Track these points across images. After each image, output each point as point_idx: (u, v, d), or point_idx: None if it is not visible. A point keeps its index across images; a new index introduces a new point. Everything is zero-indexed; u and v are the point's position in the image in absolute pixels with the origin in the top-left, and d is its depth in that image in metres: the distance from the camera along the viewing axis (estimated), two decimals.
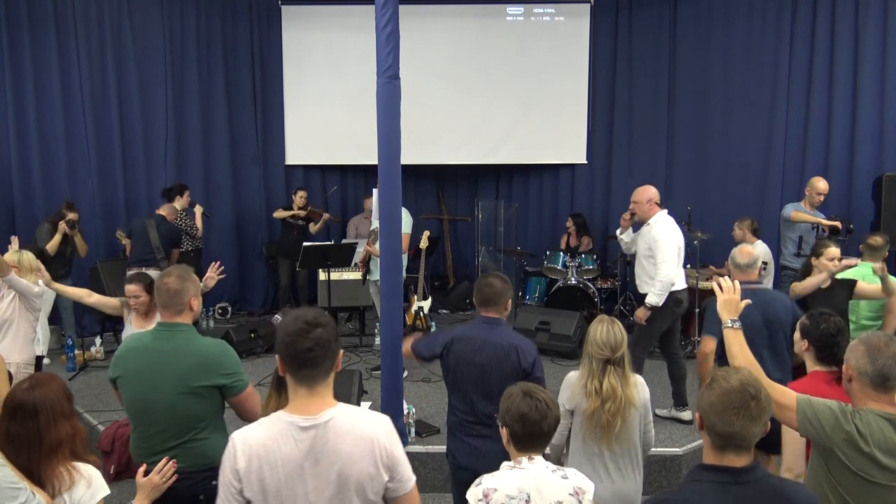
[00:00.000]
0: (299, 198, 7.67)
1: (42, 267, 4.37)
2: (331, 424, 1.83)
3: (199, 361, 2.62)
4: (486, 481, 2.20)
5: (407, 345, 3.43)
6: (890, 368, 2.15)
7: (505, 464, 2.26)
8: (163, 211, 6.48)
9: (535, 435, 2.21)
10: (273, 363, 2.08)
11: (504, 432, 2.26)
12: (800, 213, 5.90)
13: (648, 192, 4.82)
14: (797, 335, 2.92)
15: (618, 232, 5.25)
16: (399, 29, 3.98)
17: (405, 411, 4.39)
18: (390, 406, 4.27)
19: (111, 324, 6.77)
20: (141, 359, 2.66)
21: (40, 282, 4.36)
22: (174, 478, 2.45)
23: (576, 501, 2.16)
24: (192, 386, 2.59)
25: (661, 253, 4.58)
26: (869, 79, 6.85)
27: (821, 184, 5.97)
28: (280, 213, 7.67)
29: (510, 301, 3.13)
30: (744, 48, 7.43)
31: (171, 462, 2.44)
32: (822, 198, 5.96)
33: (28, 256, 4.38)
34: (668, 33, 7.80)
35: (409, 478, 1.92)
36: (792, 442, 2.68)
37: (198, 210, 7.11)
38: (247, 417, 2.76)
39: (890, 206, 6.19)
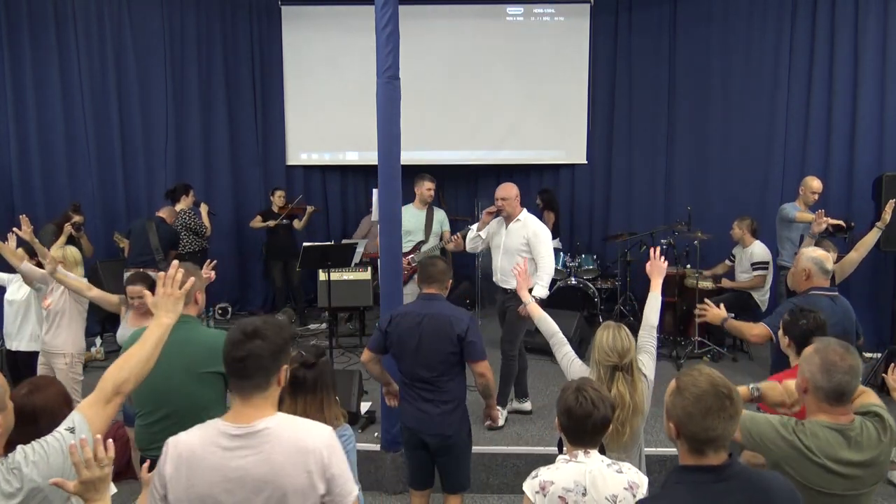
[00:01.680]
0: (278, 197, 7.64)
1: (49, 253, 4.43)
2: (265, 433, 1.80)
3: (204, 349, 2.75)
4: (543, 474, 2.24)
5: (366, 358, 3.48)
6: (846, 385, 2.09)
7: (561, 457, 2.30)
8: (163, 213, 6.53)
9: (580, 430, 2.25)
10: None
11: (556, 422, 2.32)
12: (804, 213, 5.89)
13: (515, 189, 4.88)
14: (781, 331, 2.99)
15: (475, 228, 5.08)
16: (399, 29, 3.98)
17: None
18: (390, 407, 4.27)
19: (111, 325, 6.77)
20: None
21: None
22: None
23: (630, 495, 2.18)
24: (198, 372, 2.72)
25: (543, 247, 4.70)
26: (869, 78, 6.85)
27: (815, 183, 5.97)
28: (256, 223, 7.62)
29: (451, 281, 3.45)
30: (744, 48, 7.43)
31: None
32: (816, 196, 5.95)
33: (72, 251, 4.64)
34: (668, 33, 7.80)
35: (348, 492, 1.86)
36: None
37: (203, 209, 7.10)
38: None
39: None
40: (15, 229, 4.56)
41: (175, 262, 2.18)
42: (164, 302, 2.12)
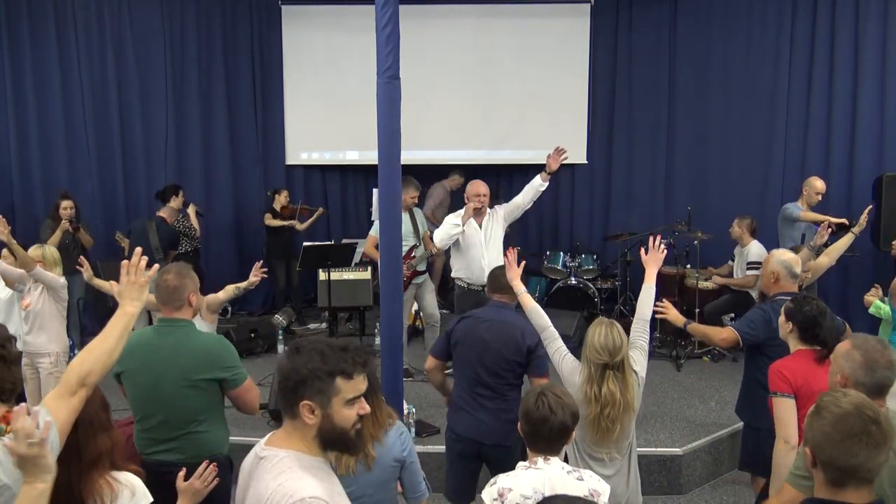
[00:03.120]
0: (283, 197, 7.64)
1: (86, 262, 4.54)
2: (261, 465, 1.74)
3: (200, 355, 2.70)
4: (502, 481, 2.21)
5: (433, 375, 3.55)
6: (887, 379, 2.12)
7: (521, 464, 2.27)
8: (163, 213, 6.54)
9: (537, 435, 2.22)
10: (274, 362, 2.06)
11: (519, 427, 2.30)
12: (807, 213, 5.90)
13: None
14: (782, 318, 2.99)
15: (458, 222, 5.02)
16: (399, 29, 3.98)
17: (405, 411, 4.39)
18: (390, 406, 4.26)
19: None
20: (144, 353, 2.73)
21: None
22: (216, 482, 2.38)
23: None
24: (193, 379, 2.67)
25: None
26: (869, 78, 6.85)
27: (818, 183, 5.97)
28: (272, 221, 7.58)
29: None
30: (744, 48, 7.43)
31: (211, 466, 2.39)
32: (819, 197, 5.96)
33: (51, 250, 4.61)
34: (668, 33, 7.79)
35: None
36: (782, 465, 2.67)
37: (191, 210, 7.08)
38: (246, 410, 2.87)
39: (890, 206, 6.19)
40: None
41: (138, 250, 2.11)
42: (128, 290, 2.06)
